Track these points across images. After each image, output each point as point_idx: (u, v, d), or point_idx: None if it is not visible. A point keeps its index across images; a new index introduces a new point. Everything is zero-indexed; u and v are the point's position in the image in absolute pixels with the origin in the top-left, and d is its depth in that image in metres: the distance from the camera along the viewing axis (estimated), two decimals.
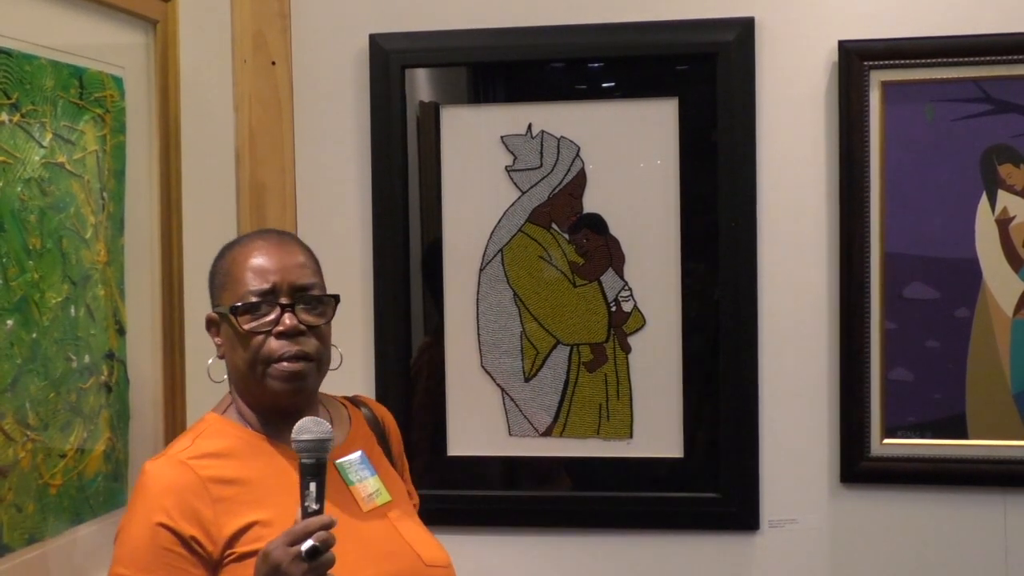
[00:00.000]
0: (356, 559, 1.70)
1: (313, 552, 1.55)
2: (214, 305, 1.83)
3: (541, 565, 2.50)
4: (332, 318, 1.82)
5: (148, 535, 1.66)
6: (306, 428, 1.62)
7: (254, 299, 1.75)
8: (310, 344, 1.77)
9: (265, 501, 1.72)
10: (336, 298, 1.84)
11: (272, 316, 1.75)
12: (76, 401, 1.87)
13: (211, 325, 1.83)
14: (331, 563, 1.58)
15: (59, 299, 1.82)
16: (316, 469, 1.61)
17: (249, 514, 1.70)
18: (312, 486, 1.60)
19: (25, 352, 1.74)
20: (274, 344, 1.74)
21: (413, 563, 1.79)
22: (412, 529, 1.86)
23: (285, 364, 1.74)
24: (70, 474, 1.85)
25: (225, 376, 1.83)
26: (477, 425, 2.51)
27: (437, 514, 2.50)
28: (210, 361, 1.84)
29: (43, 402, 1.78)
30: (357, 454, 1.86)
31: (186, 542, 1.66)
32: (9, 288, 1.70)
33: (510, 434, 2.50)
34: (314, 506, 1.59)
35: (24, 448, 1.74)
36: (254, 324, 1.75)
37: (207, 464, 1.72)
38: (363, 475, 1.84)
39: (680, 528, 2.46)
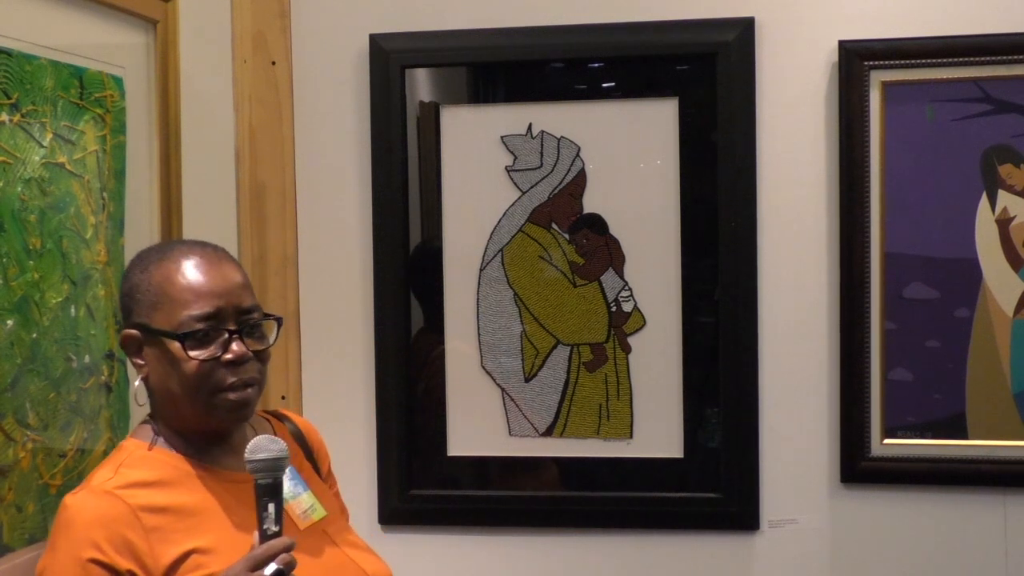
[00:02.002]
0: None
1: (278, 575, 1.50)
2: (135, 323, 1.68)
3: (541, 565, 2.50)
4: (276, 340, 1.73)
5: (78, 574, 1.54)
6: (261, 447, 1.56)
7: (199, 325, 1.63)
8: (254, 369, 1.67)
9: (201, 528, 1.62)
10: (279, 320, 1.75)
11: (219, 342, 1.64)
12: (76, 401, 1.87)
13: (130, 343, 1.68)
14: None
15: (59, 299, 1.82)
16: (273, 489, 1.55)
17: (186, 542, 1.60)
18: (271, 507, 1.54)
19: (25, 352, 1.74)
20: (222, 373, 1.64)
21: None
22: (351, 543, 1.80)
23: (233, 395, 1.65)
24: (70, 474, 1.85)
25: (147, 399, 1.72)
26: (477, 425, 2.50)
27: (437, 514, 2.52)
28: (136, 383, 1.70)
29: (43, 402, 1.78)
30: (288, 470, 1.75)
31: None
32: (9, 288, 1.70)
33: (510, 434, 2.50)
34: (274, 528, 1.53)
35: (24, 448, 1.74)
36: (202, 352, 1.63)
37: (135, 493, 1.60)
38: (296, 491, 1.76)
39: (680, 528, 2.46)
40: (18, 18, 1.75)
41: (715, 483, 2.43)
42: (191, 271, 1.66)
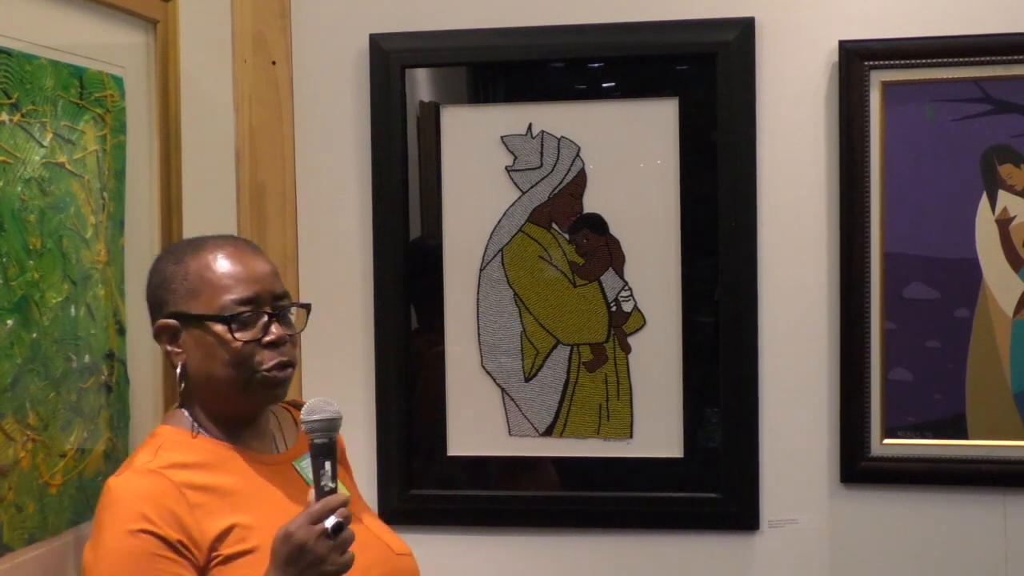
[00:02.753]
0: None
1: (338, 528, 1.57)
2: (171, 312, 1.74)
3: (541, 565, 2.50)
4: (306, 326, 1.84)
5: (132, 545, 1.59)
6: (318, 408, 1.63)
7: (240, 308, 1.71)
8: (291, 352, 1.76)
9: (240, 507, 1.69)
10: (308, 307, 1.85)
11: (259, 325, 1.72)
12: (76, 401, 1.87)
13: (164, 332, 1.75)
14: (352, 539, 1.59)
15: (59, 299, 1.82)
16: (329, 449, 1.62)
17: (227, 518, 1.66)
18: (327, 465, 1.61)
19: (25, 352, 1.74)
20: (265, 354, 1.72)
21: (384, 553, 1.80)
22: (374, 522, 1.88)
23: (275, 373, 1.73)
24: (70, 474, 1.85)
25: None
26: (477, 425, 2.51)
27: (437, 514, 2.52)
28: (177, 371, 1.75)
29: (43, 402, 1.78)
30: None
31: (173, 546, 1.61)
32: (9, 288, 1.70)
33: (510, 434, 2.50)
34: (331, 484, 1.61)
35: (24, 448, 1.74)
36: (246, 334, 1.71)
37: (177, 472, 1.67)
38: None
39: (680, 528, 2.46)
40: (18, 18, 1.75)
41: (715, 483, 2.43)
42: (228, 259, 1.75)
